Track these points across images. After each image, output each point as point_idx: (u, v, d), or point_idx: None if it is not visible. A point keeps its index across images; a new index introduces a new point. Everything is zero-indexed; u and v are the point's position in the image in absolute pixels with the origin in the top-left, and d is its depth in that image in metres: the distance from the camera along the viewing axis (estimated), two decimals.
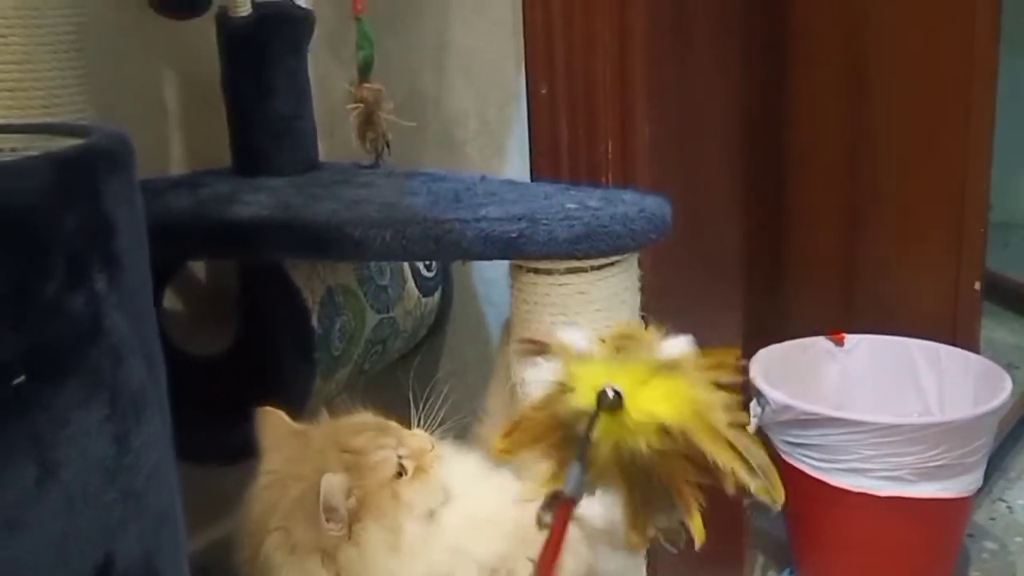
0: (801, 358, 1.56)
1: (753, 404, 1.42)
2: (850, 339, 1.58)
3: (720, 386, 0.79)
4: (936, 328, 1.55)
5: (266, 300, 1.12)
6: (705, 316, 1.56)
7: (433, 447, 0.86)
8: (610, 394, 0.74)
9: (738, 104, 1.55)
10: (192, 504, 0.69)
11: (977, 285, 1.56)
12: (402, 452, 0.84)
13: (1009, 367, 1.46)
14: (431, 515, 0.82)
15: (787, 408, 1.35)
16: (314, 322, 1.11)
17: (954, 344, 1.53)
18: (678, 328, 0.97)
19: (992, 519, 1.66)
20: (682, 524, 0.77)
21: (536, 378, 0.85)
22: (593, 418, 0.75)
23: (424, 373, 1.42)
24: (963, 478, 1.34)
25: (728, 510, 1.26)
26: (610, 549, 0.88)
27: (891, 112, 1.57)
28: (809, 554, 1.46)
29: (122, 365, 0.60)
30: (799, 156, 1.63)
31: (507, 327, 0.99)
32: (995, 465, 1.72)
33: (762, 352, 1.50)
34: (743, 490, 0.76)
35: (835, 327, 1.59)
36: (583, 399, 0.77)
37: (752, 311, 1.66)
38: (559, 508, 0.78)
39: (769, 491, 0.77)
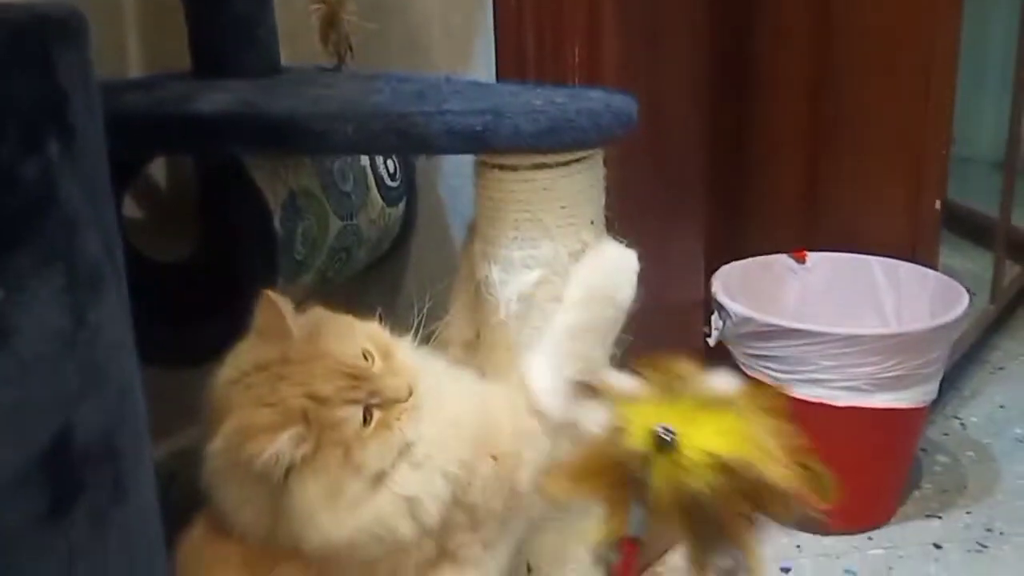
0: (763, 275, 1.57)
1: (714, 318, 1.43)
2: (812, 257, 1.59)
3: (769, 416, 0.79)
4: (897, 247, 1.57)
5: (228, 201, 1.11)
6: (668, 226, 1.57)
7: (410, 394, 0.82)
8: (664, 435, 0.75)
9: (705, 25, 1.54)
10: (159, 410, 0.68)
11: (937, 204, 1.58)
12: (373, 401, 0.80)
13: (968, 292, 1.48)
14: (380, 476, 0.79)
15: (748, 320, 1.36)
16: (276, 224, 1.10)
17: (914, 262, 1.55)
18: (640, 232, 0.98)
19: (945, 435, 1.70)
20: (740, 561, 0.77)
21: (590, 421, 0.85)
22: (649, 460, 0.75)
23: (390, 283, 1.42)
24: (918, 389, 1.36)
25: None
26: (570, 444, 0.90)
27: (856, 38, 1.57)
28: None
29: (77, 236, 0.59)
30: (765, 79, 1.63)
31: (471, 226, 0.98)
32: (950, 384, 1.76)
33: (724, 268, 1.51)
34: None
35: (797, 246, 1.60)
36: (636, 440, 0.77)
37: (715, 230, 1.67)
38: (625, 548, 0.78)
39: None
